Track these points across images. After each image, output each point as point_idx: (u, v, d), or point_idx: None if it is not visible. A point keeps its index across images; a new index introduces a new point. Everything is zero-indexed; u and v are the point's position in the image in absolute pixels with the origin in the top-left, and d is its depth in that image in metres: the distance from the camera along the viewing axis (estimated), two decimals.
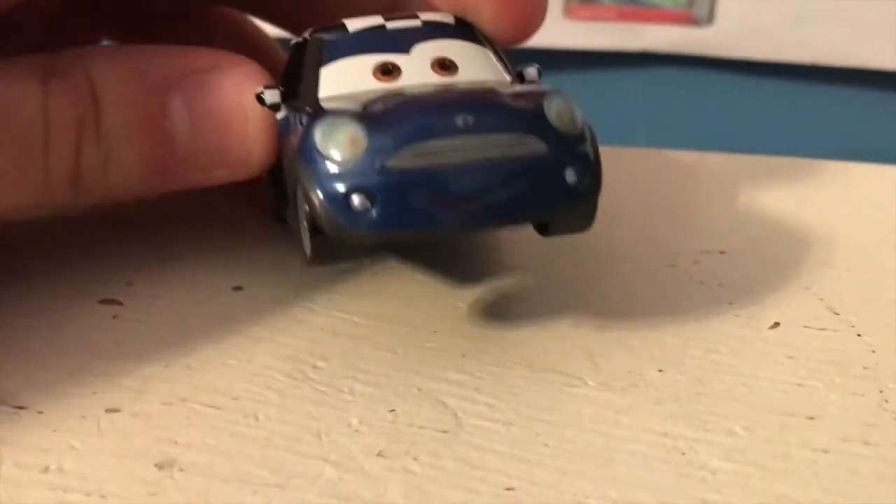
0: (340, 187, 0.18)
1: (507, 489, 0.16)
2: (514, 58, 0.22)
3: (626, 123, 0.63)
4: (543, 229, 0.20)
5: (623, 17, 0.62)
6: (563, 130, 0.19)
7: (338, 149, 0.18)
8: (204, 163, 0.21)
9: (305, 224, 0.19)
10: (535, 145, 0.18)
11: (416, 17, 0.21)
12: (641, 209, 0.28)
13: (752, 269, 0.24)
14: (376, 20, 0.21)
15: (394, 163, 0.18)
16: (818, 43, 0.58)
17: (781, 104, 0.61)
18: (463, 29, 0.21)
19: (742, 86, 0.61)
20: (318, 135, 0.18)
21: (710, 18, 0.60)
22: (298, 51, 0.22)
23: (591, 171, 0.19)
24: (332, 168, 0.18)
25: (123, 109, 0.20)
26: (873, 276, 0.24)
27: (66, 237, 0.25)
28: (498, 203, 0.18)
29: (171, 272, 0.23)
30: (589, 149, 0.19)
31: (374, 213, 0.18)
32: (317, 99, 0.20)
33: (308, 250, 0.19)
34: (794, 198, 0.28)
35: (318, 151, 0.18)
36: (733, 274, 0.24)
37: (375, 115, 0.18)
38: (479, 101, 0.19)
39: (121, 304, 0.22)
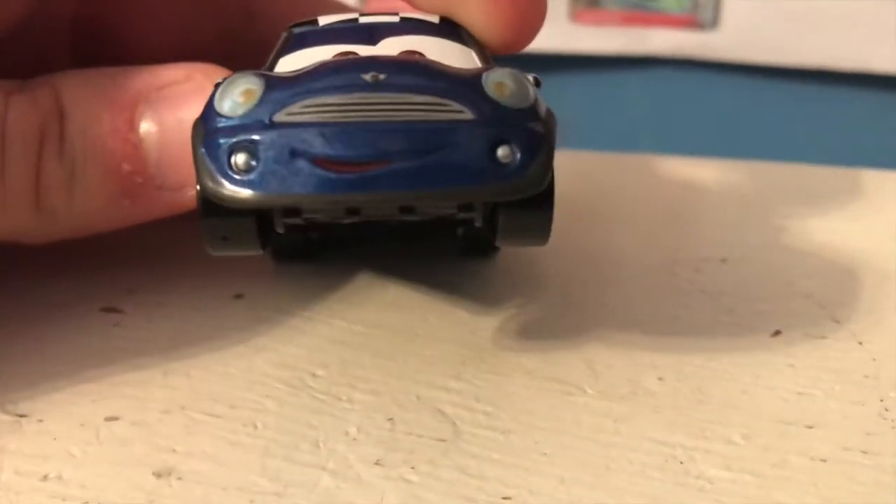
0: (223, 143, 0.16)
1: (505, 498, 0.16)
2: (517, 64, 0.22)
3: (631, 128, 0.63)
4: (493, 239, 0.18)
5: (628, 21, 0.62)
6: (502, 102, 0.16)
7: (230, 103, 0.16)
8: (175, 181, 0.20)
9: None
10: (458, 111, 0.16)
11: (396, 14, 0.20)
12: (642, 216, 0.28)
13: (753, 277, 0.24)
14: (351, 15, 0.20)
15: (282, 117, 0.16)
16: (823, 47, 0.58)
17: (786, 108, 0.61)
18: (446, 28, 0.19)
19: (747, 90, 0.61)
20: (218, 91, 0.16)
21: (714, 22, 0.60)
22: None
23: (534, 155, 0.16)
24: (220, 123, 0.16)
25: (89, 123, 0.19)
26: (875, 284, 0.23)
27: (68, 244, 0.25)
28: (402, 171, 0.15)
29: (173, 280, 0.23)
30: (536, 129, 0.16)
31: (256, 172, 0.16)
32: None
33: (203, 233, 0.18)
34: (796, 205, 0.28)
35: (213, 109, 0.16)
36: (734, 282, 0.24)
37: (285, 75, 0.16)
38: (401, 62, 0.17)
39: (122, 311, 0.22)
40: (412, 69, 0.16)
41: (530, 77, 0.19)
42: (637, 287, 0.23)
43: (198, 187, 0.17)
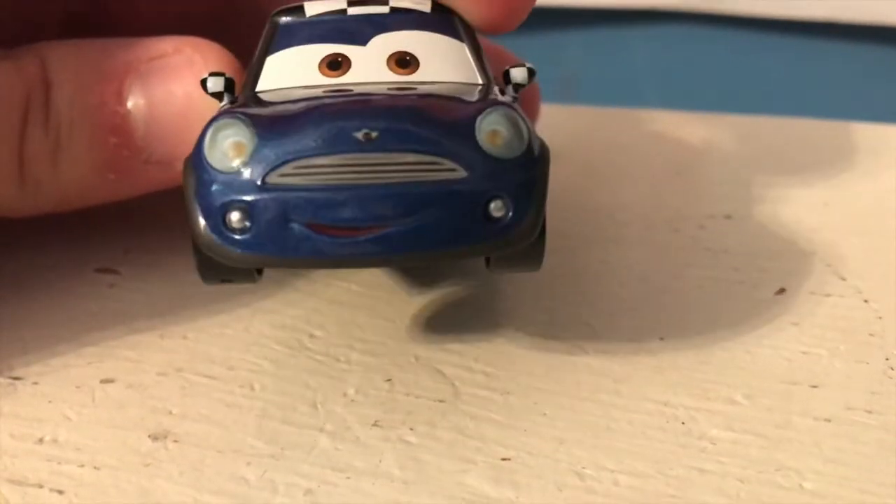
0: (216, 200, 0.16)
1: (504, 459, 0.16)
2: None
3: (636, 84, 0.62)
4: (488, 262, 0.18)
5: None
6: (495, 153, 0.16)
7: (221, 156, 0.16)
8: (163, 154, 0.19)
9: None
10: (451, 170, 0.16)
11: (386, 3, 0.19)
12: (646, 172, 0.28)
13: (758, 234, 0.23)
14: (339, 4, 0.19)
15: (274, 178, 0.16)
16: None
17: (793, 62, 0.60)
18: (439, 18, 0.19)
19: (753, 43, 0.60)
20: (207, 139, 0.16)
21: None
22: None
23: (527, 205, 0.16)
24: (212, 177, 0.16)
25: (76, 93, 0.19)
26: (881, 241, 0.23)
27: None
28: (396, 235, 0.16)
29: (169, 240, 0.23)
30: (529, 177, 0.16)
31: (251, 233, 0.16)
32: (253, 92, 0.18)
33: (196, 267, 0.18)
34: (802, 160, 0.28)
35: (203, 157, 0.16)
36: (739, 239, 0.23)
37: (273, 121, 0.16)
38: (392, 113, 0.16)
39: (118, 272, 0.22)
40: (404, 122, 0.16)
41: (526, 67, 0.18)
42: (640, 244, 0.23)
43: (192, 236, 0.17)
